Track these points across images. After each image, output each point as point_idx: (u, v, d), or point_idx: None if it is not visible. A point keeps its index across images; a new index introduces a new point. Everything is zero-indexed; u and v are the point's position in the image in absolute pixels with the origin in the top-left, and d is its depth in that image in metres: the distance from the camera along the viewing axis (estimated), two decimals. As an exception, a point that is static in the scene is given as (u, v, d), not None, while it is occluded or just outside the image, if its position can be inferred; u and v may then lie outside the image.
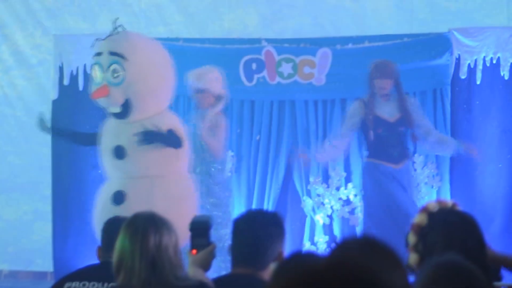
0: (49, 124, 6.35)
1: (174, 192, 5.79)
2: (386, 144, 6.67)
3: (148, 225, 3.13)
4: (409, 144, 6.83)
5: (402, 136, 6.72)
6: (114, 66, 5.71)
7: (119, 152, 5.75)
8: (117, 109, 5.74)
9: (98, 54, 5.76)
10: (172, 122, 5.87)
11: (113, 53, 5.71)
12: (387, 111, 6.68)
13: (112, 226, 4.12)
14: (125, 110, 5.72)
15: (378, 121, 6.66)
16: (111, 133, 5.82)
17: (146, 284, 3.04)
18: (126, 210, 5.24)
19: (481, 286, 2.27)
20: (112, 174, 5.88)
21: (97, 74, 5.74)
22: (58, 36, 7.70)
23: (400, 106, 6.67)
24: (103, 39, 5.77)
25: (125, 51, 5.72)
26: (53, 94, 7.62)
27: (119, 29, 5.75)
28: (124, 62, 5.68)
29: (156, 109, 5.84)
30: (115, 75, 5.70)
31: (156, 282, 3.05)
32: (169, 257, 3.09)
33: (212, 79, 6.75)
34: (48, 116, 7.06)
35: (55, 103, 7.57)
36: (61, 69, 7.60)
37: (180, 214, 4.47)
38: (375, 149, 6.71)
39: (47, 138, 7.62)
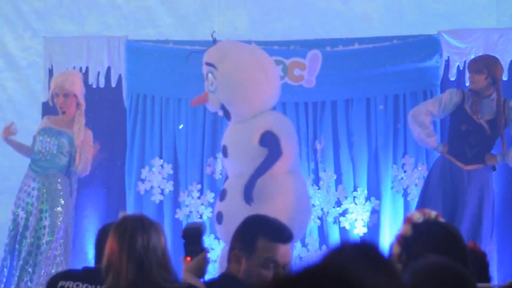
0: None
1: (268, 191, 6.14)
2: (464, 142, 6.62)
3: (136, 226, 3.12)
4: (495, 149, 6.67)
5: (487, 139, 6.61)
6: (209, 75, 6.28)
7: (224, 151, 6.38)
8: (221, 112, 6.50)
9: (203, 64, 6.40)
10: (268, 124, 6.22)
11: (207, 64, 6.30)
12: (480, 110, 6.60)
13: (103, 235, 4.13)
14: (226, 114, 6.36)
15: (465, 117, 6.61)
16: (225, 133, 6.49)
17: (133, 285, 3.03)
18: (226, 206, 6.16)
19: (470, 286, 2.29)
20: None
21: (208, 82, 6.31)
22: (48, 39, 7.68)
23: (495, 108, 6.58)
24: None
25: (215, 61, 6.27)
26: (43, 97, 7.60)
27: (216, 39, 6.37)
28: (215, 71, 6.22)
29: (252, 111, 6.25)
30: (211, 83, 6.26)
31: (143, 283, 3.04)
32: (158, 258, 3.08)
33: (80, 84, 6.92)
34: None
35: (44, 105, 7.54)
36: (50, 71, 7.57)
37: (273, 213, 4.57)
38: (452, 145, 6.69)
39: (37, 141, 7.59)
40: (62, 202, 6.80)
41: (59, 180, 6.84)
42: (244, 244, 3.33)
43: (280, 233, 3.36)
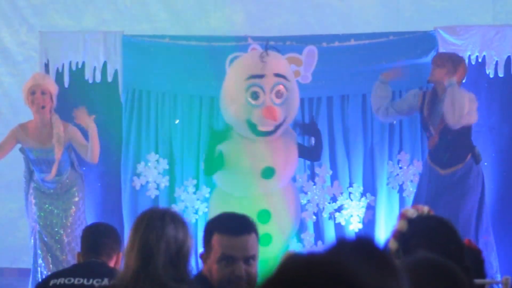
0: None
1: (292, 198, 6.48)
2: (438, 146, 6.56)
3: (153, 219, 3.06)
4: (468, 147, 6.58)
5: (456, 138, 6.51)
6: (279, 87, 6.04)
7: (268, 173, 6.12)
8: (271, 128, 6.09)
9: (260, 76, 6.04)
10: (294, 136, 6.47)
11: (278, 75, 6.07)
12: (435, 116, 6.57)
13: (91, 231, 4.26)
14: (276, 128, 6.09)
15: (434, 119, 6.59)
16: (252, 154, 6.19)
17: (136, 277, 3.00)
18: (275, 229, 6.10)
19: (463, 283, 2.29)
20: (244, 192, 6.27)
21: (259, 95, 5.99)
22: (44, 33, 7.66)
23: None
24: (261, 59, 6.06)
25: (286, 73, 6.19)
26: (39, 92, 7.58)
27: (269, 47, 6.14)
28: (287, 83, 6.11)
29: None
30: (281, 95, 6.04)
31: (146, 276, 2.99)
32: (169, 255, 3.00)
33: (54, 87, 6.86)
34: None
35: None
36: (46, 66, 7.55)
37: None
38: (430, 150, 6.67)
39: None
40: (77, 199, 6.88)
41: (75, 184, 6.89)
42: (205, 243, 3.28)
43: (230, 225, 3.24)
